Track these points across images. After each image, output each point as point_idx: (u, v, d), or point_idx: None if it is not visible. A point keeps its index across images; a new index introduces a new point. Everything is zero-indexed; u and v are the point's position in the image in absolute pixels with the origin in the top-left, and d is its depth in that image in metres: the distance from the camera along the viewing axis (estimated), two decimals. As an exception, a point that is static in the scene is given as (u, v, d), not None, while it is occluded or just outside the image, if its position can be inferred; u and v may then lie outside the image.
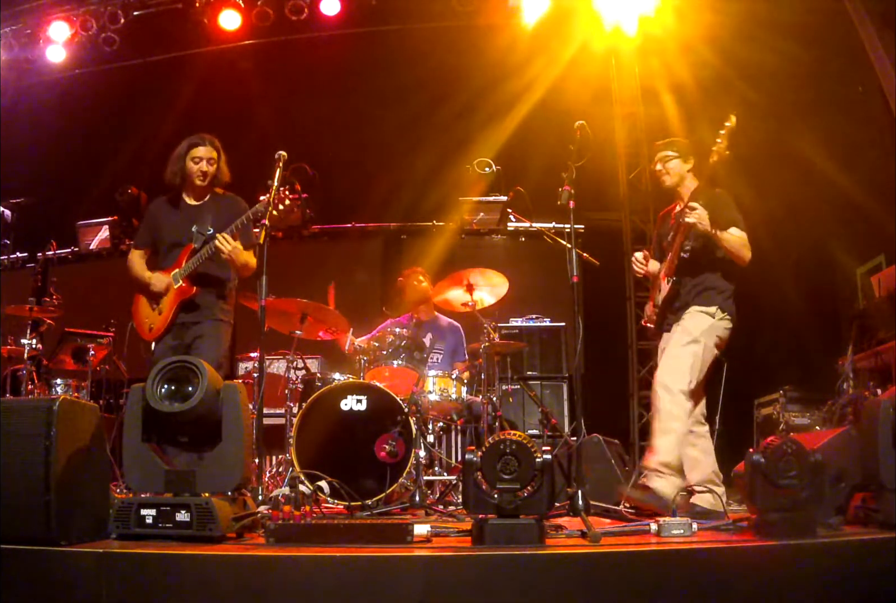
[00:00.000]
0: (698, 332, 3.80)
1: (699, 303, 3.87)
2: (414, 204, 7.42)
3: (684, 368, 3.72)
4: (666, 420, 3.67)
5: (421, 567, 2.30)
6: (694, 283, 3.91)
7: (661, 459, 3.63)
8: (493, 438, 2.64)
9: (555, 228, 5.65)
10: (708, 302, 3.86)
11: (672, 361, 3.79)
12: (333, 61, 7.25)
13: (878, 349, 5.30)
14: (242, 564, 2.33)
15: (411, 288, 5.79)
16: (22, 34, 7.00)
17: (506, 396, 6.02)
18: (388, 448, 4.27)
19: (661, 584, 2.32)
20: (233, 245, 4.03)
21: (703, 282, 3.90)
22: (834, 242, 6.51)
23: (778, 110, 6.00)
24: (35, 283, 6.03)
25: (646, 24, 6.44)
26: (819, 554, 2.43)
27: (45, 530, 2.50)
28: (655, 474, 3.62)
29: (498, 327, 5.48)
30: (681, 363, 3.75)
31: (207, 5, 6.81)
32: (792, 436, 2.81)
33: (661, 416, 3.70)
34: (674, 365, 3.77)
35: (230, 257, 4.05)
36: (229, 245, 4.02)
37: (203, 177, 4.22)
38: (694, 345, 3.77)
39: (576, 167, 3.65)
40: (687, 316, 3.86)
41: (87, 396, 5.80)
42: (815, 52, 5.79)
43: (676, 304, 3.94)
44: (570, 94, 6.36)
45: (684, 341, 3.79)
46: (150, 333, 4.22)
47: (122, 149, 7.30)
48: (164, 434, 2.93)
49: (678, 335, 3.84)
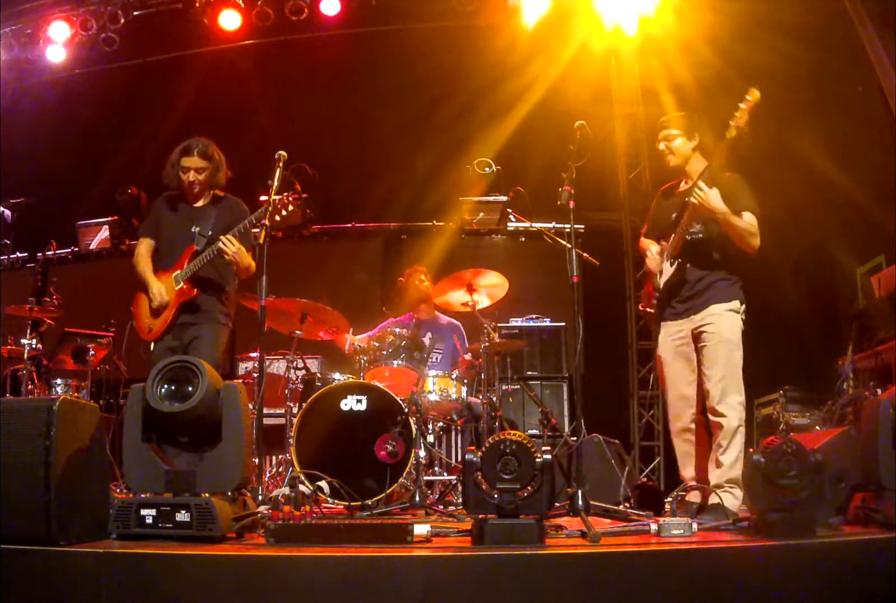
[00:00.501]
0: (736, 336, 3.66)
1: (721, 299, 3.70)
2: (414, 204, 7.41)
3: (739, 379, 3.60)
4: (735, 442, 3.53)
5: (421, 567, 2.30)
6: (704, 271, 3.76)
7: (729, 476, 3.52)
8: (493, 438, 2.63)
9: (555, 228, 5.64)
10: (730, 296, 3.72)
11: (728, 374, 3.59)
12: (333, 61, 7.25)
13: (878, 349, 5.30)
14: (242, 564, 2.33)
15: (413, 287, 5.80)
16: (22, 34, 7.00)
17: (506, 396, 6.02)
18: (388, 448, 4.27)
19: (661, 584, 2.32)
20: (237, 247, 4.04)
21: (715, 271, 3.76)
22: (834, 242, 6.52)
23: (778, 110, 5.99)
24: (35, 283, 6.03)
25: (646, 24, 6.43)
26: (819, 554, 2.43)
27: (45, 530, 2.50)
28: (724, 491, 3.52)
29: (498, 327, 5.48)
30: (734, 374, 3.60)
31: (207, 5, 6.81)
32: (792, 436, 2.81)
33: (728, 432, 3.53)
34: (731, 379, 3.59)
35: (234, 259, 4.05)
36: (233, 247, 4.02)
37: (192, 187, 4.24)
38: (737, 351, 3.65)
39: (576, 167, 3.64)
40: (716, 319, 3.68)
41: (87, 396, 5.80)
42: (815, 52, 5.79)
43: (685, 292, 3.76)
44: (570, 94, 6.35)
45: (729, 349, 3.63)
46: (149, 334, 4.22)
47: (122, 149, 7.30)
48: (164, 434, 2.93)
49: (720, 345, 3.63)
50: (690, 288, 3.77)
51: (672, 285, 3.81)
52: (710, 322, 3.69)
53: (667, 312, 3.85)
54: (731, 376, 3.60)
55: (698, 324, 3.73)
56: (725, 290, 3.74)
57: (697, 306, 3.75)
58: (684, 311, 3.79)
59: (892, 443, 2.81)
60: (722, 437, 3.55)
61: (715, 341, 3.66)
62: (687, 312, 3.78)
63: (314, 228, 7.86)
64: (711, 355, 3.65)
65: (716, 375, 3.60)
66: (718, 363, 3.62)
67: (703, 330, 3.70)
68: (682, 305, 3.80)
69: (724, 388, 3.58)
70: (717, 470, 3.56)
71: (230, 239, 4.03)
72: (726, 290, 3.74)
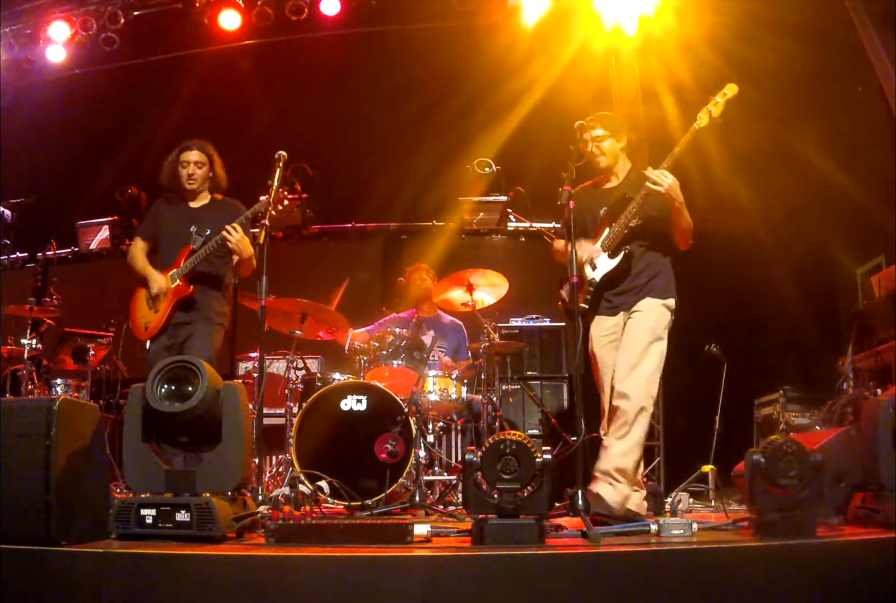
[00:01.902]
0: (662, 328, 3.61)
1: (657, 294, 3.67)
2: (414, 204, 7.41)
3: (655, 373, 3.53)
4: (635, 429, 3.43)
5: (421, 567, 2.30)
6: (644, 264, 3.71)
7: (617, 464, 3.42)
8: (493, 438, 2.64)
9: (555, 228, 5.64)
10: (665, 293, 3.69)
11: (639, 361, 3.51)
12: (333, 61, 7.24)
13: (878, 349, 5.30)
14: (242, 564, 2.33)
15: (415, 285, 5.81)
16: (22, 34, 6.99)
17: (506, 396, 6.02)
18: (389, 448, 4.27)
19: (661, 584, 2.32)
20: (240, 235, 4.04)
21: (656, 265, 3.72)
22: (834, 242, 6.51)
23: (778, 110, 6.00)
24: (35, 283, 6.04)
25: (646, 24, 6.43)
26: (819, 554, 2.42)
27: (45, 530, 2.50)
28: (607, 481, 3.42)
29: (498, 327, 5.48)
30: (646, 362, 3.52)
31: (207, 5, 6.81)
32: (792, 436, 2.81)
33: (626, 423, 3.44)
34: (641, 367, 3.50)
35: (237, 247, 4.05)
36: (237, 235, 4.02)
37: (192, 180, 4.25)
38: (659, 343, 3.59)
39: (576, 167, 3.64)
40: (647, 307, 3.63)
41: (87, 396, 5.80)
42: (815, 52, 5.79)
43: (624, 284, 3.70)
44: (570, 94, 6.35)
45: (649, 340, 3.57)
46: (145, 332, 4.23)
47: (122, 149, 7.30)
48: (164, 434, 2.93)
49: (642, 333, 3.57)
50: (630, 281, 3.72)
51: (614, 277, 3.74)
52: (639, 310, 3.67)
53: (602, 306, 3.78)
54: (647, 363, 3.52)
55: (630, 316, 3.70)
56: (665, 287, 3.72)
57: (632, 302, 3.71)
58: (620, 304, 3.75)
59: (892, 443, 2.81)
60: (622, 423, 3.44)
61: (635, 326, 3.62)
62: (621, 306, 3.74)
63: (314, 228, 7.86)
64: (628, 340, 3.61)
65: (628, 360, 3.54)
66: (633, 348, 3.56)
67: (631, 317, 3.68)
68: (618, 297, 3.75)
69: (634, 373, 3.50)
70: (607, 455, 3.45)
71: (235, 227, 4.03)
72: (666, 287, 3.72)
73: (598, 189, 3.97)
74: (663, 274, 3.75)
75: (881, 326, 5.44)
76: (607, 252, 3.76)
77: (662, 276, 3.74)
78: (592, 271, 3.79)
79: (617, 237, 3.72)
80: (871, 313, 5.72)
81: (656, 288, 3.71)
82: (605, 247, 3.77)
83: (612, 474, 3.42)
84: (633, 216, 3.69)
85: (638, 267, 3.73)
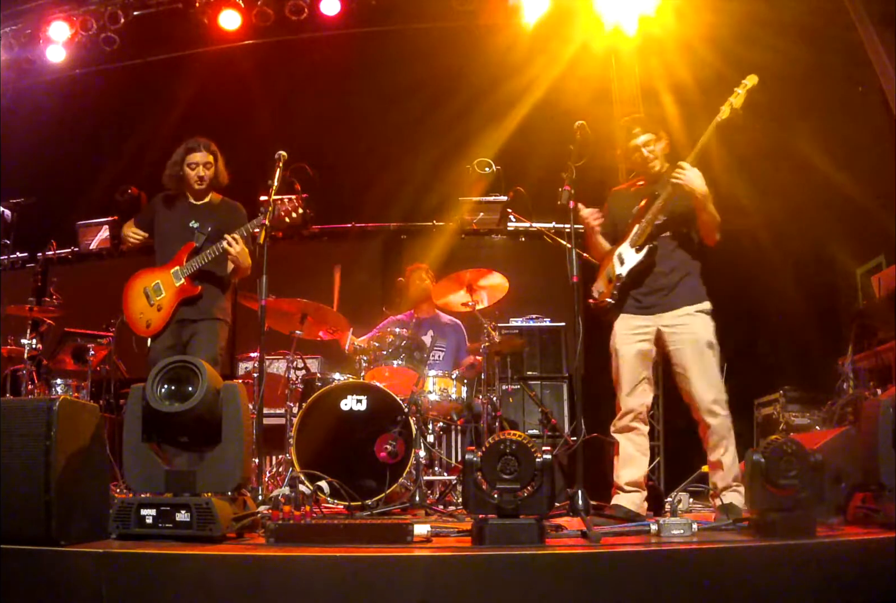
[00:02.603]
0: (713, 336, 3.65)
1: (690, 299, 3.67)
2: (414, 204, 7.41)
3: (720, 379, 3.62)
4: (728, 435, 3.55)
5: (421, 567, 2.30)
6: (673, 263, 3.70)
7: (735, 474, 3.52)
8: (493, 438, 2.64)
9: (555, 228, 5.65)
10: (697, 297, 3.70)
11: (712, 375, 3.60)
12: (333, 61, 7.25)
13: (878, 349, 5.29)
14: (242, 564, 2.33)
15: (415, 285, 5.81)
16: (22, 34, 6.99)
17: (506, 396, 6.02)
18: (389, 448, 4.27)
19: (661, 584, 2.32)
20: (241, 246, 4.05)
21: (685, 266, 3.71)
22: (834, 242, 6.50)
23: (778, 110, 6.00)
24: (35, 284, 6.04)
25: (646, 24, 6.43)
26: (819, 554, 2.43)
27: (45, 530, 2.50)
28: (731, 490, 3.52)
29: (498, 327, 5.49)
30: (715, 374, 3.61)
31: (207, 5, 6.81)
32: (792, 436, 2.82)
33: (724, 432, 3.55)
34: (714, 379, 3.60)
35: (236, 259, 4.07)
36: (238, 246, 4.04)
37: (200, 181, 4.25)
38: (714, 350, 3.64)
39: (576, 167, 3.64)
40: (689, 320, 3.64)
41: (87, 396, 5.80)
42: (815, 52, 5.79)
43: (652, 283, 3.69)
44: (570, 94, 6.35)
45: (711, 354, 3.62)
46: (147, 330, 4.22)
47: (122, 149, 7.30)
48: (164, 434, 2.93)
49: (698, 346, 3.61)
50: (657, 279, 3.70)
51: (639, 272, 3.71)
52: (683, 323, 3.65)
53: (629, 304, 3.76)
54: (716, 377, 3.60)
55: (668, 323, 3.67)
56: (694, 290, 3.71)
57: (665, 305, 3.69)
58: (651, 305, 3.71)
59: (892, 443, 2.81)
60: (718, 437, 3.54)
61: (692, 344, 3.62)
62: (653, 308, 3.71)
63: (314, 228, 7.85)
64: (692, 358, 3.61)
65: (702, 378, 3.58)
66: (702, 366, 3.60)
67: (676, 332, 3.65)
68: (648, 298, 3.72)
69: (713, 389, 3.57)
70: (720, 471, 3.54)
71: (236, 238, 4.04)
72: (695, 290, 3.71)
73: (633, 189, 3.94)
74: (693, 276, 3.73)
75: (881, 326, 5.43)
76: (634, 248, 3.72)
77: (692, 278, 3.72)
78: (620, 267, 3.75)
79: (644, 233, 3.69)
80: (871, 313, 5.71)
81: (687, 292, 3.69)
82: (632, 242, 3.73)
83: (733, 484, 3.51)
84: (660, 212, 3.66)
85: (666, 265, 3.70)
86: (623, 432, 3.71)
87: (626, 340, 3.73)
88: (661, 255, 3.70)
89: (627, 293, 3.74)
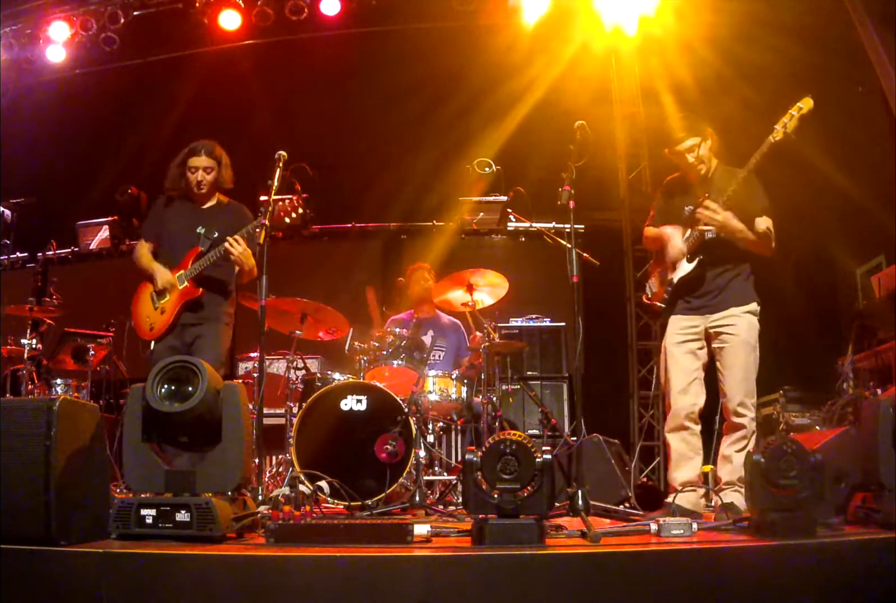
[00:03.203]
0: (754, 339, 3.73)
1: (739, 300, 3.75)
2: (414, 204, 7.41)
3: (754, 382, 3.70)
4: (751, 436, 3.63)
5: (421, 567, 2.30)
6: (721, 267, 3.78)
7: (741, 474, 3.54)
8: (493, 438, 2.63)
9: (555, 228, 5.64)
10: (747, 298, 3.77)
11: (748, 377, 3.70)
12: (333, 61, 7.25)
13: (878, 349, 5.30)
14: (242, 564, 2.33)
15: (416, 284, 5.80)
16: (22, 34, 7.00)
17: (506, 396, 6.02)
18: (389, 448, 4.27)
19: (661, 584, 2.32)
20: (243, 247, 4.05)
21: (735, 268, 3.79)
22: (834, 242, 6.50)
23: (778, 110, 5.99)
24: (35, 284, 6.04)
25: (646, 24, 6.43)
26: (819, 554, 2.42)
27: (45, 530, 2.50)
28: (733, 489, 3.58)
29: (498, 327, 5.48)
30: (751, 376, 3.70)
31: (207, 5, 6.82)
32: (792, 436, 2.81)
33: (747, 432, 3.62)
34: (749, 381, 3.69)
35: (239, 260, 4.07)
36: (240, 247, 4.04)
37: (199, 186, 4.25)
38: (755, 354, 3.73)
39: (576, 167, 3.64)
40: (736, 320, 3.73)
41: (87, 396, 5.80)
42: (815, 52, 5.78)
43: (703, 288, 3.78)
44: (570, 94, 6.35)
45: (748, 352, 3.71)
46: (150, 333, 4.23)
47: (122, 149, 7.31)
48: (164, 434, 2.93)
49: (740, 346, 3.70)
50: (707, 284, 3.78)
51: (689, 281, 3.81)
52: (730, 323, 3.73)
53: (679, 306, 3.85)
54: (751, 379, 3.68)
55: (715, 323, 3.76)
56: (743, 291, 3.78)
57: (714, 305, 3.78)
58: (700, 307, 3.80)
59: (892, 443, 2.81)
60: (741, 436, 3.63)
61: (735, 343, 3.71)
62: (702, 309, 3.80)
63: (314, 228, 7.86)
64: (732, 357, 3.70)
65: (738, 377, 3.67)
66: (739, 365, 3.69)
67: (722, 331, 3.74)
68: (698, 300, 3.81)
69: (746, 390, 3.65)
70: (729, 466, 3.60)
71: (238, 239, 4.05)
72: (744, 291, 3.78)
73: (689, 182, 3.95)
74: (742, 276, 3.80)
75: (881, 326, 5.44)
76: (686, 256, 3.82)
77: (741, 279, 3.80)
78: (671, 272, 3.87)
79: (695, 243, 3.78)
80: (871, 313, 5.71)
81: (735, 293, 3.77)
82: (687, 250, 3.83)
83: (737, 484, 3.56)
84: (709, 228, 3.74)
85: (715, 270, 3.79)
86: (676, 431, 3.76)
87: (675, 338, 3.83)
88: (712, 259, 3.78)
89: (681, 296, 3.85)
